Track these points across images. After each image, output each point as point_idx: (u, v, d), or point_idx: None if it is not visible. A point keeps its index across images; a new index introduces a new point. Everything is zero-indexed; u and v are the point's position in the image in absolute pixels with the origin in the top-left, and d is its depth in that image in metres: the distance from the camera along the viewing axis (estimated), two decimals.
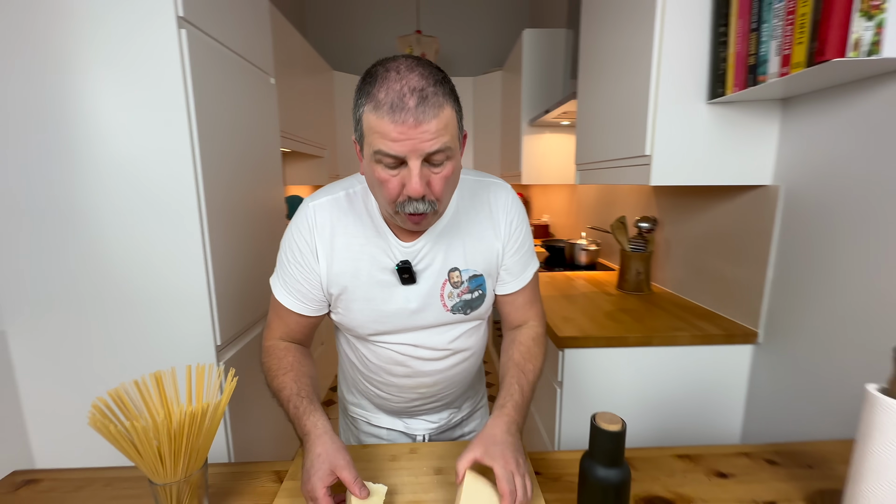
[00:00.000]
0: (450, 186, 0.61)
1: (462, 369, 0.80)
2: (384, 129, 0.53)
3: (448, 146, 0.56)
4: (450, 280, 0.70)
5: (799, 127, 0.99)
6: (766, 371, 1.09)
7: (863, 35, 0.68)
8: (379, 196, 0.61)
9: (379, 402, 0.84)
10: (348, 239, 0.68)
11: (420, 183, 0.55)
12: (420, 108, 0.52)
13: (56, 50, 0.89)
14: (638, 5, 1.07)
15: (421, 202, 0.57)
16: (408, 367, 0.76)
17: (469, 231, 0.71)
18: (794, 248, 1.00)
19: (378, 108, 0.53)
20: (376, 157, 0.56)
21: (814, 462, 0.69)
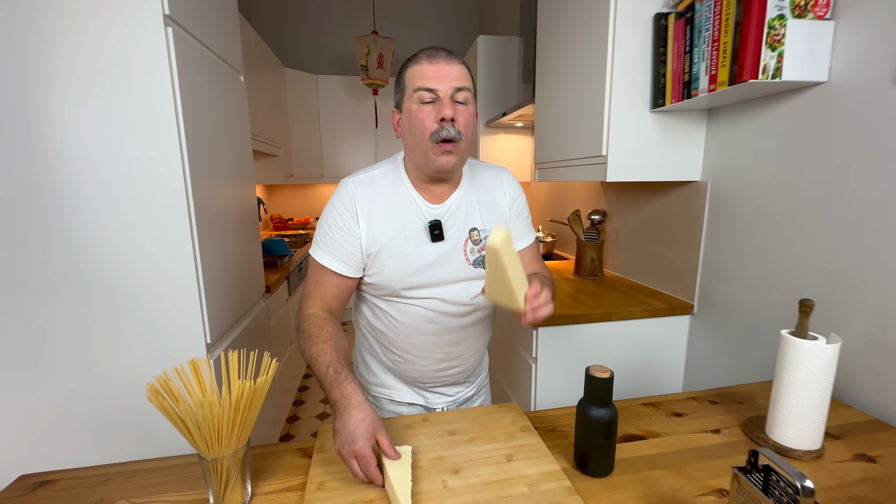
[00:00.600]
0: (471, 128, 0.76)
1: (480, 329, 0.91)
2: (423, 71, 0.73)
3: (469, 89, 0.75)
4: (471, 238, 0.83)
5: (720, 133, 1.20)
6: (701, 334, 1.31)
7: (769, 62, 0.86)
8: (417, 135, 0.75)
9: (405, 370, 0.90)
10: (385, 205, 0.80)
11: (451, 106, 0.72)
12: (449, 57, 0.74)
13: (34, 47, 0.86)
14: (592, 26, 1.22)
15: (452, 127, 0.73)
16: (436, 324, 0.85)
17: (483, 199, 0.86)
18: (719, 232, 1.21)
19: (418, 61, 0.74)
20: (416, 95, 0.73)
21: (743, 399, 0.87)
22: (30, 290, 0.93)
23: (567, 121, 1.42)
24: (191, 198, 1.00)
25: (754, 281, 1.10)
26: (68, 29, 0.87)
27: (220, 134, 1.21)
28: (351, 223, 0.79)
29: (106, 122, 0.92)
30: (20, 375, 0.96)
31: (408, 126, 0.77)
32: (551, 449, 0.71)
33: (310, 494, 0.61)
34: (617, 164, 1.21)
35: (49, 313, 0.95)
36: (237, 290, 1.30)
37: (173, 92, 0.94)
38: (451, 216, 0.83)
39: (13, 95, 0.87)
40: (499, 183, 0.90)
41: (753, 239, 1.10)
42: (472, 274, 0.84)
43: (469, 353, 0.92)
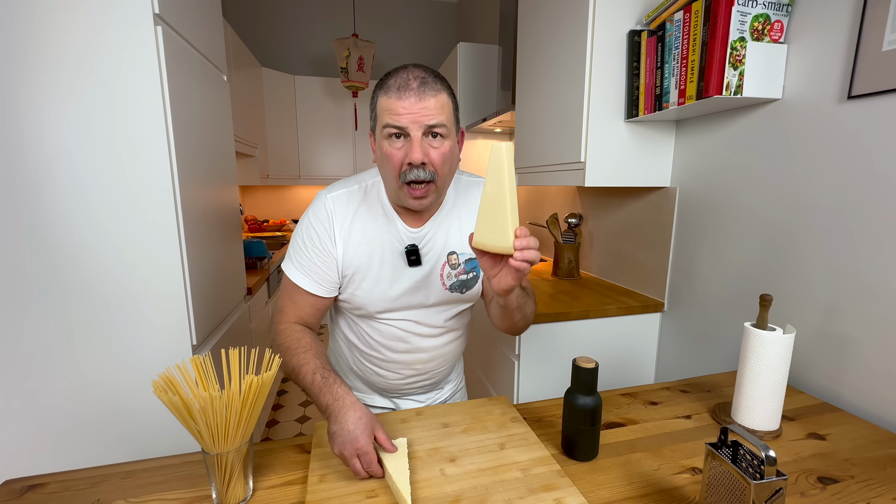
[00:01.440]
0: (447, 163, 0.71)
1: (453, 347, 0.93)
2: (391, 106, 0.67)
3: (444, 124, 0.69)
4: (448, 262, 0.83)
5: (687, 142, 1.29)
6: (670, 330, 1.39)
7: (731, 79, 0.95)
8: (387, 171, 0.71)
9: (375, 381, 0.92)
10: (363, 225, 0.78)
11: (419, 150, 0.67)
12: (421, 89, 0.67)
13: (22, 43, 0.84)
14: (571, 38, 1.29)
15: (422, 170, 0.68)
16: (408, 343, 0.86)
17: (465, 220, 0.83)
18: (687, 235, 1.30)
19: (388, 91, 0.68)
20: (385, 131, 0.68)
21: (711, 388, 0.95)
22: (11, 294, 0.90)
23: (546, 127, 1.48)
24: (178, 198, 0.99)
25: (719, 279, 1.19)
26: (55, 23, 0.85)
27: (205, 134, 1.20)
28: (328, 243, 0.77)
29: (92, 121, 0.90)
30: (2, 377, 0.92)
31: (380, 158, 0.73)
32: (540, 437, 0.76)
33: (312, 486, 0.62)
34: (594, 171, 1.28)
35: (32, 316, 0.92)
36: (221, 291, 1.29)
37: (162, 91, 0.94)
38: (431, 240, 0.81)
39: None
40: None
41: (718, 240, 1.19)
42: (447, 298, 0.84)
43: (441, 367, 0.94)
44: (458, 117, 0.75)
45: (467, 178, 0.88)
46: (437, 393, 1.00)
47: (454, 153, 0.74)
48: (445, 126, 0.69)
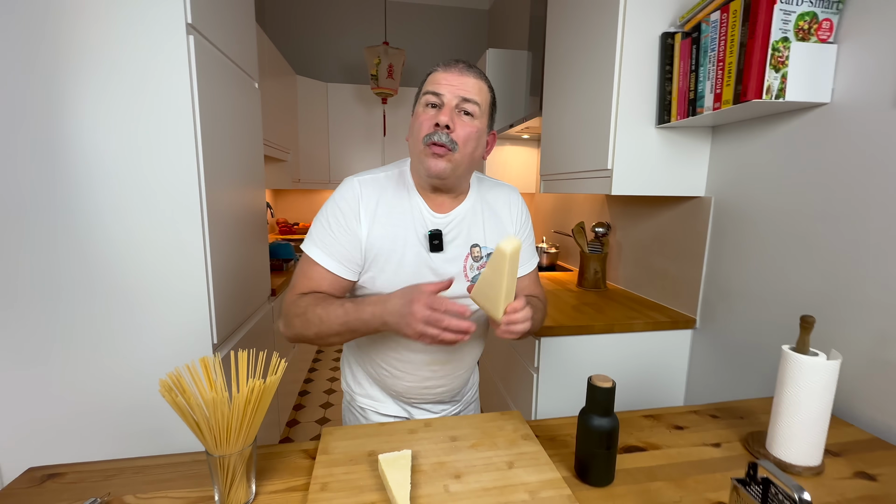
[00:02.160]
0: (470, 143, 0.74)
1: (470, 349, 0.90)
2: (436, 78, 0.74)
3: (478, 103, 0.74)
4: (471, 254, 0.82)
5: (724, 150, 1.21)
6: (703, 349, 1.31)
7: (773, 83, 0.88)
8: (415, 135, 0.75)
9: (390, 383, 0.89)
10: (389, 209, 0.79)
11: (448, 113, 0.72)
12: (465, 69, 0.74)
13: (63, 50, 0.89)
14: (600, 42, 1.25)
15: (444, 134, 0.72)
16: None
17: (489, 216, 0.85)
18: (722, 248, 1.22)
19: (436, 68, 0.76)
20: (424, 98, 0.74)
21: (744, 414, 0.87)
22: (44, 288, 0.96)
23: (574, 134, 1.44)
24: (204, 200, 1.02)
25: (756, 297, 1.11)
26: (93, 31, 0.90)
27: (234, 138, 1.24)
28: (353, 222, 0.77)
29: (124, 125, 0.94)
30: (33, 370, 0.98)
31: (412, 128, 0.77)
32: (552, 457, 0.72)
33: (313, 494, 0.62)
34: (622, 178, 1.22)
35: (63, 310, 0.97)
36: (244, 292, 1.32)
37: (192, 97, 0.97)
38: (455, 228, 0.81)
39: (35, 98, 0.90)
40: (507, 202, 0.88)
41: (756, 255, 1.11)
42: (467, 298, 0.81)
43: (458, 371, 0.91)
44: (493, 116, 0.79)
45: (494, 181, 0.90)
46: (450, 405, 0.97)
47: (480, 140, 0.77)
48: (478, 106, 0.74)
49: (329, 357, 3.05)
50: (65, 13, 0.88)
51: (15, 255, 0.94)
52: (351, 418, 0.98)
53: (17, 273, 0.94)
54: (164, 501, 0.62)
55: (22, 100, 0.90)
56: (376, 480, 0.64)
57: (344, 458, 0.70)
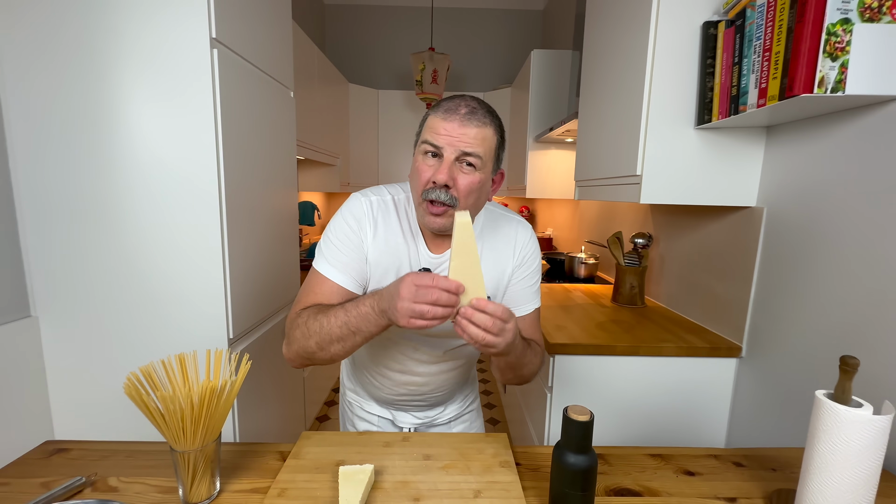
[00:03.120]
0: (472, 195, 0.69)
1: (452, 376, 0.88)
2: (435, 125, 0.68)
3: (480, 156, 0.68)
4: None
5: (781, 153, 1.05)
6: (749, 383, 1.14)
7: (828, 74, 0.74)
8: (414, 186, 0.72)
9: (371, 391, 0.91)
10: (388, 235, 0.76)
11: (447, 172, 0.66)
12: (467, 117, 0.67)
13: (104, 64, 1.00)
14: (633, 35, 1.15)
15: (444, 192, 0.67)
16: (403, 366, 0.83)
17: (488, 255, 0.79)
18: (776, 266, 1.06)
19: (437, 111, 0.69)
20: (422, 146, 0.69)
21: (778, 466, 0.74)
22: (83, 278, 1.08)
23: (604, 136, 1.33)
24: (223, 200, 1.08)
25: (815, 326, 0.94)
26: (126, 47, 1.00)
27: (261, 144, 1.30)
28: (360, 237, 0.75)
29: (155, 133, 1.04)
30: (72, 350, 1.10)
31: (412, 170, 0.73)
32: (529, 491, 0.66)
33: (269, 500, 0.61)
34: (653, 185, 1.11)
35: (98, 299, 1.09)
36: (267, 289, 1.38)
37: (214, 105, 1.04)
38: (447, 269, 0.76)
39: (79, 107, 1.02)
40: (510, 240, 0.81)
41: (816, 276, 0.94)
42: (451, 332, 0.77)
43: (438, 392, 0.89)
44: (500, 157, 0.73)
45: (501, 213, 0.83)
46: (438, 412, 0.94)
47: (484, 188, 0.72)
48: (480, 158, 0.68)
49: None
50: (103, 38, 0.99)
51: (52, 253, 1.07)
52: (342, 410, 1.02)
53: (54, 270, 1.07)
54: (141, 487, 0.66)
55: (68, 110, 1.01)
56: (334, 492, 0.63)
57: (311, 465, 0.70)
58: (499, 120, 0.72)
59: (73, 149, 1.03)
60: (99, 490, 0.65)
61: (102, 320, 1.09)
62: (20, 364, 1.05)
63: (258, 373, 1.31)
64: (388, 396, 0.89)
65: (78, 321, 1.09)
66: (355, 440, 0.77)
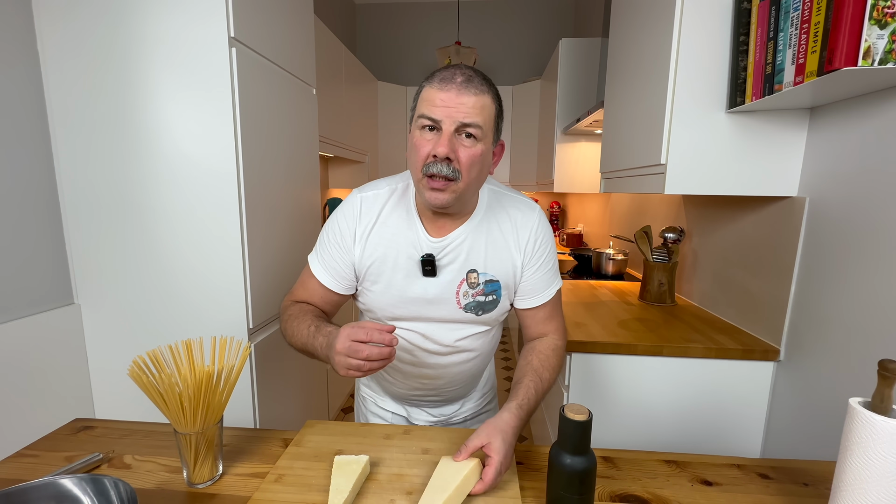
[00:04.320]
0: (475, 167, 0.67)
1: (465, 369, 0.85)
2: (431, 96, 0.65)
3: (480, 126, 0.65)
4: (467, 280, 0.76)
5: (826, 137, 0.95)
6: (788, 389, 1.04)
7: (875, 43, 0.66)
8: (413, 162, 0.69)
9: (384, 386, 0.91)
10: (384, 228, 0.76)
11: (447, 144, 0.63)
12: (463, 85, 0.64)
13: (132, 65, 1.06)
14: (658, 15, 1.07)
15: (446, 166, 0.64)
16: (413, 357, 0.82)
17: (492, 240, 0.76)
18: (819, 262, 0.96)
19: (431, 81, 0.66)
20: (419, 121, 0.66)
21: (811, 480, 0.67)
22: (115, 267, 1.15)
23: (629, 125, 1.26)
24: (242, 195, 1.12)
25: (862, 327, 0.85)
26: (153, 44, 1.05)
27: (281, 141, 1.34)
28: (348, 241, 0.77)
29: (179, 125, 1.09)
30: (108, 335, 1.18)
31: (409, 147, 0.70)
32: (528, 492, 0.63)
33: (265, 485, 0.63)
34: (679, 175, 1.03)
35: (129, 287, 1.16)
36: (288, 281, 1.42)
37: (233, 103, 1.07)
38: (451, 252, 0.75)
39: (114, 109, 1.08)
40: (519, 223, 0.77)
41: (864, 273, 0.85)
42: (461, 317, 0.78)
43: (451, 387, 0.87)
44: (499, 127, 0.70)
45: (506, 194, 0.80)
46: (453, 411, 0.93)
47: (486, 160, 0.69)
48: (480, 128, 0.65)
49: None
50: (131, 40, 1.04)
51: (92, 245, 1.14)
52: (357, 405, 1.02)
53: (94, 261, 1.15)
54: (152, 466, 0.69)
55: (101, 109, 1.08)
56: (329, 481, 0.63)
57: (311, 452, 0.70)
58: (496, 89, 0.69)
59: (107, 145, 1.10)
60: (114, 466, 0.68)
61: (135, 308, 1.17)
62: (64, 347, 1.14)
63: (279, 363, 1.35)
64: (401, 391, 0.88)
65: (115, 309, 1.17)
66: (357, 431, 0.77)
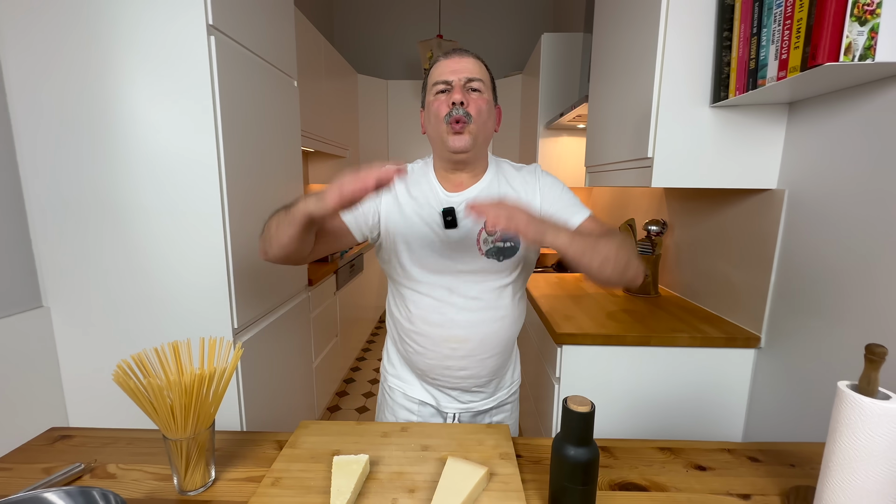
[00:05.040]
0: (483, 115, 0.80)
1: (493, 330, 0.84)
2: (440, 68, 0.80)
3: (481, 79, 0.80)
4: (485, 228, 0.82)
5: (804, 131, 0.98)
6: (769, 375, 1.08)
7: (856, 40, 0.68)
8: (434, 122, 0.80)
9: (415, 360, 0.88)
10: (408, 190, 0.85)
11: (461, 91, 0.78)
12: (462, 53, 0.81)
13: (98, 58, 1.00)
14: (643, 11, 1.09)
15: (462, 109, 0.77)
16: (443, 315, 0.82)
17: (506, 191, 0.85)
18: (797, 253, 1.00)
19: (437, 60, 0.82)
20: (434, 88, 0.80)
21: (797, 461, 0.70)
22: (90, 270, 1.09)
23: (615, 119, 1.28)
24: (225, 193, 1.08)
25: (839, 315, 0.88)
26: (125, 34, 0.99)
27: (263, 134, 1.29)
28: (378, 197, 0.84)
29: (155, 121, 1.03)
30: (83, 341, 1.12)
31: (429, 118, 0.82)
32: (529, 484, 0.63)
33: (262, 489, 0.61)
34: (665, 168, 1.05)
35: (105, 291, 1.10)
36: (273, 281, 1.38)
37: (213, 94, 1.03)
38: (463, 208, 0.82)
39: (87, 102, 1.02)
40: (523, 179, 0.88)
41: (841, 263, 0.88)
42: (483, 266, 0.83)
43: (480, 354, 0.85)
44: (495, 93, 0.85)
45: (509, 163, 0.92)
46: (480, 398, 0.91)
47: (490, 111, 0.82)
48: (482, 82, 0.80)
49: (379, 347, 3.13)
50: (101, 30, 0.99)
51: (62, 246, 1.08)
52: (381, 398, 1.00)
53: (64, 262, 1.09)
54: (138, 474, 0.66)
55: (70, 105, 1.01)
56: (329, 482, 0.62)
57: (307, 454, 0.69)
58: (488, 68, 0.84)
59: (76, 143, 1.04)
60: (98, 476, 0.65)
61: (111, 310, 1.11)
62: (34, 353, 1.08)
63: (265, 363, 1.32)
64: (431, 363, 0.86)
65: (88, 312, 1.11)
66: (353, 430, 0.75)
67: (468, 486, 0.58)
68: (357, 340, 2.81)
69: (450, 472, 0.60)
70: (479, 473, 0.60)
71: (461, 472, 0.60)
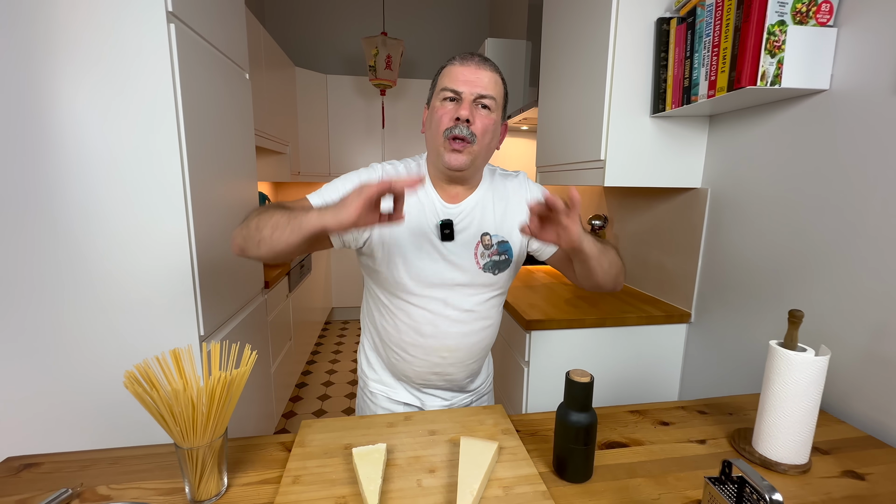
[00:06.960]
0: (487, 135, 0.77)
1: (480, 339, 0.88)
2: (453, 73, 0.75)
3: (494, 98, 0.76)
4: (482, 242, 0.83)
5: (721, 140, 1.18)
6: (697, 344, 1.29)
7: (768, 69, 0.85)
8: (434, 130, 0.77)
9: (401, 367, 0.89)
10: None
11: (468, 108, 0.74)
12: (481, 63, 0.76)
13: (32, 42, 0.88)
14: (593, 29, 1.22)
15: (465, 128, 0.74)
16: (435, 328, 0.84)
17: (500, 204, 0.86)
18: (718, 241, 1.20)
19: (451, 62, 0.77)
20: (442, 94, 0.76)
21: (733, 410, 0.85)
22: (28, 280, 0.96)
23: (568, 124, 1.41)
24: (188, 190, 1.01)
25: (751, 290, 1.08)
26: (73, 21, 0.89)
27: (221, 130, 1.22)
28: None
29: (106, 114, 0.94)
30: (19, 361, 0.98)
31: (430, 121, 0.79)
32: (532, 452, 0.71)
33: (284, 487, 0.61)
34: (615, 170, 1.20)
35: (50, 304, 0.98)
36: (234, 284, 1.31)
37: (174, 86, 0.96)
38: (466, 217, 0.82)
39: (14, 88, 0.89)
40: (517, 187, 0.88)
41: (752, 247, 1.08)
42: (479, 279, 0.83)
43: (467, 361, 0.90)
44: (505, 108, 0.82)
45: (500, 171, 0.91)
46: (462, 395, 0.96)
47: (495, 132, 0.79)
48: (494, 100, 0.76)
49: (328, 349, 3.06)
50: (43, 4, 0.87)
51: (5, 250, 0.94)
52: (363, 404, 0.99)
53: (4, 267, 0.94)
54: (137, 492, 0.62)
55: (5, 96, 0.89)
56: (350, 474, 0.64)
57: (319, 450, 0.69)
58: (504, 80, 0.80)
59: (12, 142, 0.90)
60: (88, 500, 0.60)
61: (57, 325, 0.98)
62: None
63: None
64: (418, 371, 0.88)
65: (29, 327, 0.97)
66: (358, 424, 0.77)
67: (486, 459, 0.64)
68: (307, 344, 2.72)
69: (467, 450, 0.65)
70: (493, 448, 0.66)
71: (477, 449, 0.66)
